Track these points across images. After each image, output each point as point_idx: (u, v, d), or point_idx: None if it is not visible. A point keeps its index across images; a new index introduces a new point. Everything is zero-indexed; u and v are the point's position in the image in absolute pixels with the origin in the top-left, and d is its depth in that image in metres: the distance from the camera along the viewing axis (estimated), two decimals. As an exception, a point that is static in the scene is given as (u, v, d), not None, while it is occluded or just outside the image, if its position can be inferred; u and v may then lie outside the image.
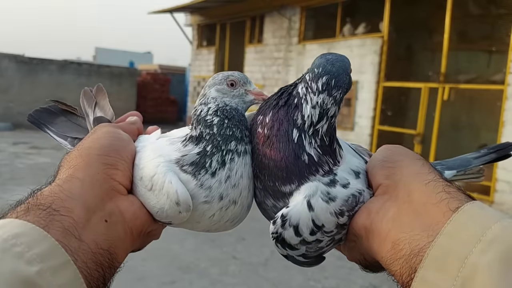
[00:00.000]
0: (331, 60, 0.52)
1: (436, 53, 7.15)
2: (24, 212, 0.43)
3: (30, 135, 10.60)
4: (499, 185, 5.74)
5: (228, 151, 0.55)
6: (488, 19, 7.13)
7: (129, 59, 22.34)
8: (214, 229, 0.60)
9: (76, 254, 0.43)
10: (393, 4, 7.43)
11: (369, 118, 7.79)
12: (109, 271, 0.47)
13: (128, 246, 0.52)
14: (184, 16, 13.72)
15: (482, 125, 7.09)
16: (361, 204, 0.52)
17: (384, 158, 0.55)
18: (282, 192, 0.54)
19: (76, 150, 0.54)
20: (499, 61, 6.50)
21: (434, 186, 0.47)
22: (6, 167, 7.15)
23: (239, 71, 0.64)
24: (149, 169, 0.55)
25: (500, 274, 0.37)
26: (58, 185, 0.48)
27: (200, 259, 3.92)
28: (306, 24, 9.39)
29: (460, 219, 0.42)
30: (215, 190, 0.54)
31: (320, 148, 0.52)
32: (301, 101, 0.52)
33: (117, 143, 0.56)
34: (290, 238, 0.52)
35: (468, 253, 0.39)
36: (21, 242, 0.39)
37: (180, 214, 0.54)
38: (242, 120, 0.58)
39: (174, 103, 16.23)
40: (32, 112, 0.70)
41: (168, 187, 0.53)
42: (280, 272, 3.73)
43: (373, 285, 3.58)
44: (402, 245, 0.45)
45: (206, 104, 0.59)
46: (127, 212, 0.52)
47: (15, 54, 12.88)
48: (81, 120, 0.71)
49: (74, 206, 0.46)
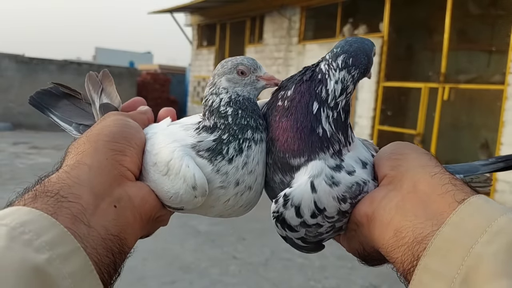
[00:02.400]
0: (350, 42, 0.55)
1: (436, 53, 7.15)
2: (32, 199, 0.43)
3: (30, 135, 10.60)
4: (499, 185, 5.74)
5: (245, 139, 0.55)
6: (488, 19, 7.13)
7: (129, 59, 22.35)
8: (227, 214, 0.59)
9: (85, 241, 0.42)
10: (393, 4, 7.43)
11: (369, 118, 7.79)
12: (119, 256, 0.46)
13: (138, 231, 0.52)
14: (184, 16, 13.73)
15: (482, 125, 7.09)
16: (364, 193, 0.52)
17: (392, 150, 0.55)
18: (290, 165, 0.54)
19: (85, 137, 0.54)
20: (499, 61, 6.50)
21: (440, 178, 0.47)
22: (6, 167, 7.15)
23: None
24: (165, 154, 0.54)
25: (504, 264, 0.37)
26: (65, 171, 0.48)
27: (200, 259, 3.92)
28: (306, 24, 9.39)
29: (465, 210, 0.42)
30: (231, 176, 0.55)
31: (335, 123, 0.53)
32: (325, 76, 0.54)
33: (126, 130, 0.56)
34: (290, 219, 0.53)
35: (473, 243, 0.39)
36: (29, 230, 0.38)
37: (196, 198, 0.54)
38: (255, 110, 0.58)
39: (174, 103, 16.21)
40: (34, 94, 0.68)
41: (185, 171, 0.53)
42: (280, 272, 3.73)
43: (373, 285, 3.57)
44: (405, 232, 0.45)
45: (217, 95, 0.59)
46: (136, 197, 0.51)
47: (15, 54, 12.88)
48: (85, 105, 0.69)
49: (82, 192, 0.45)
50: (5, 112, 12.07)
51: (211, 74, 0.63)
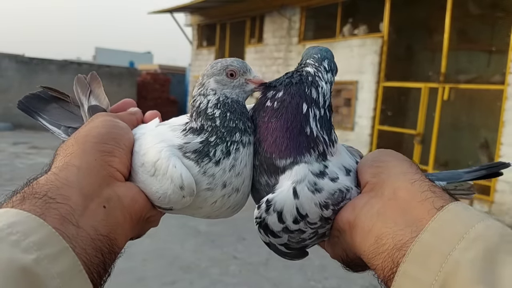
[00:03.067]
0: (323, 49, 0.60)
1: (436, 53, 7.15)
2: (20, 201, 0.43)
3: (30, 135, 10.60)
4: (499, 185, 5.74)
5: (233, 142, 0.55)
6: (488, 19, 7.13)
7: (129, 59, 22.35)
8: (214, 216, 0.59)
9: (74, 241, 0.42)
10: (393, 4, 7.43)
11: (369, 118, 7.79)
12: (109, 256, 0.46)
13: (128, 232, 0.52)
14: (184, 16, 13.72)
15: (482, 125, 7.09)
16: (347, 200, 0.53)
17: (374, 158, 0.56)
18: (276, 166, 0.54)
19: (73, 138, 0.54)
20: (499, 61, 6.49)
21: (420, 185, 0.48)
22: (6, 167, 7.15)
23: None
24: (152, 154, 0.54)
25: (481, 270, 0.38)
26: (54, 173, 0.48)
27: (200, 259, 3.92)
28: (306, 24, 9.39)
29: (444, 217, 0.43)
30: (218, 178, 0.55)
31: (321, 121, 0.55)
32: (315, 78, 0.57)
33: (115, 131, 0.55)
34: (273, 224, 0.53)
35: (451, 250, 0.40)
36: (17, 231, 0.39)
37: (184, 198, 0.54)
38: (244, 113, 0.58)
39: (174, 103, 16.22)
40: (22, 99, 0.68)
41: (172, 171, 0.53)
42: (280, 272, 3.73)
43: (373, 285, 3.57)
44: (385, 239, 0.46)
45: (205, 96, 0.58)
46: (125, 197, 0.51)
47: (15, 54, 12.89)
48: (74, 107, 0.69)
49: (71, 193, 0.45)
50: (5, 112, 12.07)
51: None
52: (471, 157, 6.94)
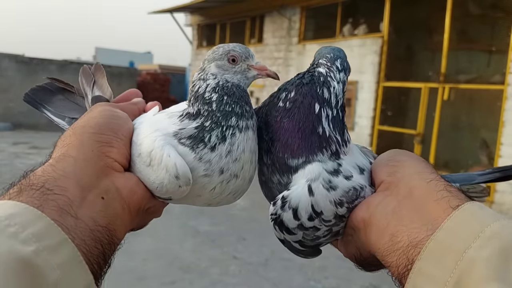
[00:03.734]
0: (336, 49, 0.60)
1: (436, 53, 7.14)
2: (17, 193, 0.43)
3: (30, 135, 10.60)
4: (499, 185, 5.74)
5: (229, 127, 0.54)
6: (488, 19, 7.13)
7: (129, 59, 22.35)
8: (216, 203, 0.58)
9: (73, 232, 0.42)
10: (393, 4, 7.43)
11: (369, 118, 7.79)
12: (108, 247, 0.46)
13: (127, 222, 0.51)
14: (184, 16, 13.73)
15: (482, 125, 7.09)
16: (361, 198, 0.53)
17: (389, 157, 0.56)
18: (288, 165, 0.55)
19: (71, 129, 0.53)
20: (499, 61, 6.49)
21: (436, 184, 0.48)
22: (6, 167, 7.15)
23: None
24: (146, 144, 0.54)
25: (497, 268, 0.38)
26: (51, 164, 0.47)
27: (200, 259, 3.92)
28: (306, 24, 9.39)
29: (460, 216, 0.43)
30: (215, 164, 0.54)
31: (333, 122, 0.55)
32: (327, 78, 0.56)
33: (113, 121, 0.55)
34: (288, 221, 0.53)
35: (467, 248, 0.40)
36: (15, 223, 0.38)
37: (180, 188, 0.53)
38: (243, 96, 0.57)
39: (174, 103, 16.15)
40: (29, 91, 0.68)
41: (166, 160, 0.52)
42: (280, 272, 3.73)
43: (373, 285, 3.58)
44: (400, 237, 0.46)
45: (204, 80, 0.57)
46: (124, 188, 0.51)
47: (15, 54, 12.88)
48: (80, 99, 0.69)
49: (68, 184, 0.45)
50: (5, 112, 12.07)
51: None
52: (471, 157, 6.94)
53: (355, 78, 7.86)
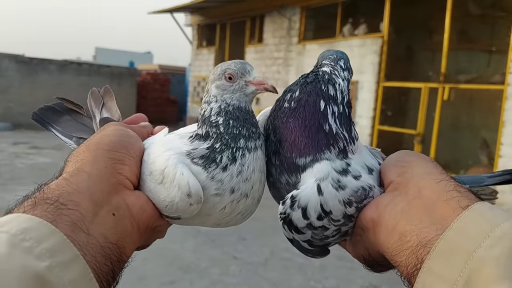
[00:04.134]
0: (339, 51, 0.61)
1: (436, 53, 7.15)
2: (31, 206, 0.43)
3: (30, 135, 10.61)
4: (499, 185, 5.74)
5: (238, 148, 0.55)
6: (488, 19, 7.13)
7: (129, 59, 22.37)
8: (224, 223, 0.59)
9: (85, 249, 0.42)
10: (393, 4, 7.43)
11: (369, 118, 7.79)
12: (118, 265, 0.47)
13: (136, 240, 0.52)
14: (184, 16, 13.73)
15: (482, 125, 7.09)
16: (370, 198, 0.53)
17: (398, 158, 0.56)
18: (296, 165, 0.55)
19: (84, 145, 0.54)
20: (499, 61, 6.49)
21: (446, 185, 0.48)
22: (6, 167, 7.15)
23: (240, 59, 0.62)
24: (160, 162, 0.55)
25: (507, 267, 0.38)
26: (65, 178, 0.48)
27: (200, 259, 3.92)
28: (306, 24, 9.39)
29: (469, 216, 0.43)
30: (226, 183, 0.55)
31: (340, 118, 0.56)
32: (332, 76, 0.57)
33: (126, 140, 0.56)
34: (297, 220, 0.53)
35: (476, 247, 0.40)
36: (30, 237, 0.39)
37: (191, 206, 0.54)
38: (247, 119, 0.58)
39: (174, 103, 16.23)
40: (37, 110, 0.70)
41: (179, 178, 0.53)
42: (280, 272, 3.73)
43: (373, 285, 3.58)
44: (409, 236, 0.46)
45: (208, 103, 0.59)
46: (134, 206, 0.52)
47: (15, 54, 12.88)
48: (87, 120, 0.71)
49: (81, 199, 0.46)
50: (5, 112, 12.08)
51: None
52: (471, 157, 6.94)
53: (355, 78, 7.86)
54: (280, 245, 4.13)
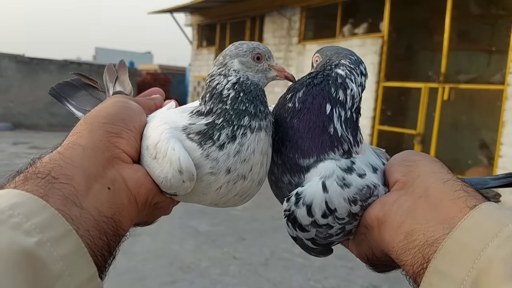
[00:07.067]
0: (357, 55, 0.60)
1: (436, 53, 7.14)
2: (23, 181, 0.42)
3: (30, 135, 10.60)
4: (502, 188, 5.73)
5: (240, 126, 0.53)
6: (488, 19, 7.13)
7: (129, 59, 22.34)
8: (222, 203, 0.57)
9: (77, 223, 0.41)
10: (393, 4, 7.43)
11: (369, 118, 7.78)
12: (113, 239, 0.46)
13: (133, 214, 0.51)
14: (184, 16, 13.73)
15: (482, 125, 7.09)
16: (375, 197, 0.53)
17: (403, 157, 0.56)
18: (299, 165, 0.55)
19: (83, 119, 0.53)
20: (499, 61, 6.49)
21: (452, 184, 0.48)
22: (6, 167, 7.15)
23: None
24: (154, 136, 0.54)
25: None
26: (58, 152, 0.47)
27: (200, 259, 3.92)
28: (306, 24, 9.39)
29: (477, 215, 0.43)
30: (222, 162, 0.52)
31: (346, 123, 0.55)
32: (345, 80, 0.56)
33: (124, 112, 0.55)
34: (301, 218, 0.53)
35: (484, 247, 0.40)
36: (18, 213, 0.38)
37: (184, 183, 0.52)
38: (259, 96, 0.55)
39: (174, 103, 16.20)
40: (55, 86, 0.70)
41: (170, 154, 0.51)
42: (280, 272, 3.73)
43: (373, 285, 3.58)
44: (416, 235, 0.45)
45: (226, 76, 0.56)
46: (131, 179, 0.50)
47: (15, 54, 12.87)
48: (102, 94, 0.71)
49: (74, 173, 0.45)
50: (5, 112, 12.07)
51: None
52: (471, 157, 6.94)
53: (355, 78, 7.85)
54: (280, 245, 4.13)
